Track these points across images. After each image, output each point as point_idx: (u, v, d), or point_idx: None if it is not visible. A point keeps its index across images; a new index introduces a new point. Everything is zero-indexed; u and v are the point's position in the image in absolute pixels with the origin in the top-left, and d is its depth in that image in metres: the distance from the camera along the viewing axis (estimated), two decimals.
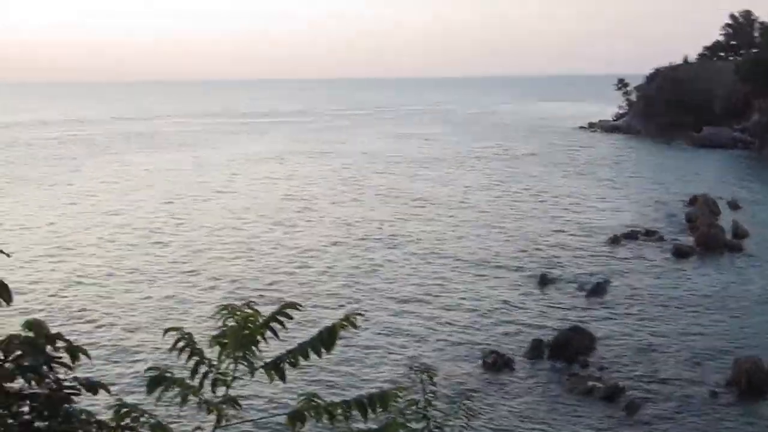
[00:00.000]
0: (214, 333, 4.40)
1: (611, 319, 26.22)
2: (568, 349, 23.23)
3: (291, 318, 4.43)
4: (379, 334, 23.56)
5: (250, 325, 4.33)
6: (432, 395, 6.84)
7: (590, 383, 21.14)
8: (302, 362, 4.38)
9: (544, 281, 30.28)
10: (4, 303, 4.84)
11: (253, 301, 4.49)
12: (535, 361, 22.86)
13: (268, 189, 51.99)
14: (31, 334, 4.68)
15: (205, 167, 64.51)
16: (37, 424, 4.62)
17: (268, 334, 4.42)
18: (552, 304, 27.80)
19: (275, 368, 4.36)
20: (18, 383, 4.65)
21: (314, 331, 4.46)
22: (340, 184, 53.40)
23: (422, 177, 56.94)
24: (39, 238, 35.96)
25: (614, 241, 36.68)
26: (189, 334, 4.49)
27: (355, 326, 4.37)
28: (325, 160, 68.69)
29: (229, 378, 4.38)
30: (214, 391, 4.38)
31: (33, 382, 4.67)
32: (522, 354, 23.16)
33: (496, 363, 22.29)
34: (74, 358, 4.80)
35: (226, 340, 4.35)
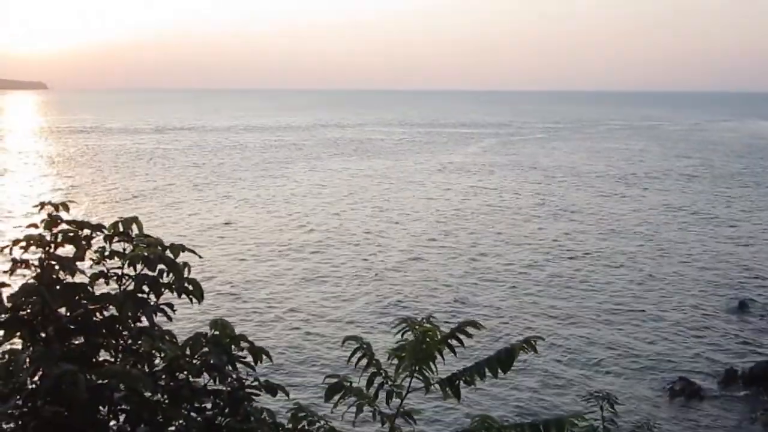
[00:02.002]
0: (393, 345, 4.40)
1: None
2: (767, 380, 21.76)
3: (470, 336, 4.36)
4: (559, 356, 22.95)
5: (428, 340, 4.29)
6: (612, 423, 6.57)
7: None
8: (478, 381, 4.30)
9: (744, 308, 28.58)
10: (195, 301, 5.05)
11: (433, 316, 4.45)
12: (728, 391, 21.52)
13: (467, 199, 52.01)
14: (217, 333, 4.85)
15: (408, 175, 65.56)
16: (218, 420, 4.78)
17: (446, 350, 4.37)
18: (751, 333, 26.13)
19: (450, 385, 4.30)
20: (203, 380, 4.84)
21: (490, 351, 4.36)
22: (536, 198, 52.71)
23: (619, 193, 55.25)
24: (236, 239, 37.55)
25: None
26: (368, 344, 4.51)
27: (534, 350, 4.25)
28: (524, 172, 68.07)
29: (404, 391, 4.37)
30: (388, 403, 4.38)
31: (217, 380, 4.85)
32: (713, 383, 21.87)
33: (684, 391, 21.20)
34: (256, 358, 4.94)
35: (403, 354, 4.34)
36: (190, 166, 69.78)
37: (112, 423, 4.52)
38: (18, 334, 4.81)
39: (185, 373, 4.78)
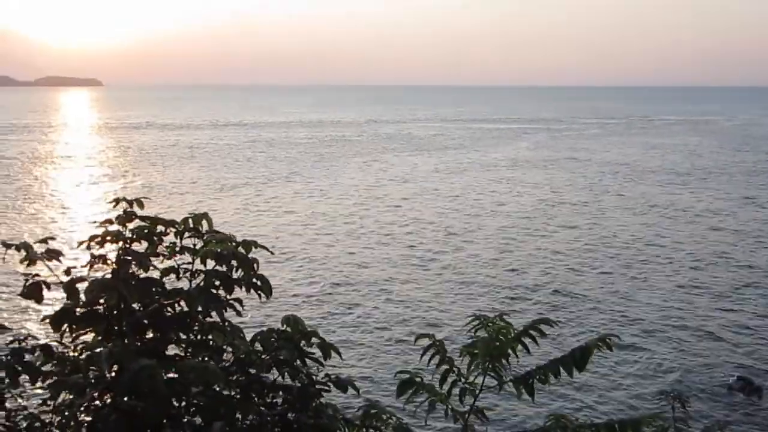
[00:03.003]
0: (466, 343, 4.37)
1: None
2: None
3: (544, 334, 4.32)
4: (629, 355, 22.60)
5: (501, 337, 4.27)
6: (683, 424, 6.43)
7: None
8: (552, 380, 4.26)
9: None
10: (264, 297, 5.09)
11: (506, 314, 4.42)
12: None
13: (526, 194, 51.64)
14: (288, 329, 4.87)
15: (463, 170, 65.39)
16: (289, 415, 4.81)
17: (519, 348, 4.33)
18: None
19: (525, 383, 4.26)
20: (273, 375, 4.87)
21: (562, 349, 4.31)
22: (590, 193, 52.10)
23: (680, 188, 54.34)
24: (298, 234, 37.62)
25: None
26: (440, 341, 4.49)
27: (610, 348, 4.19)
28: (577, 168, 67.40)
29: (478, 389, 4.34)
30: (461, 401, 4.36)
31: (287, 375, 4.87)
32: None
33: (744, 390, 20.80)
34: (326, 355, 4.95)
35: (476, 351, 4.31)
36: (247, 162, 70.39)
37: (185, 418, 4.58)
38: (91, 328, 4.90)
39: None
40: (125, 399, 4.23)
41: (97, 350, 4.31)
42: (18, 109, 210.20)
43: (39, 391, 4.77)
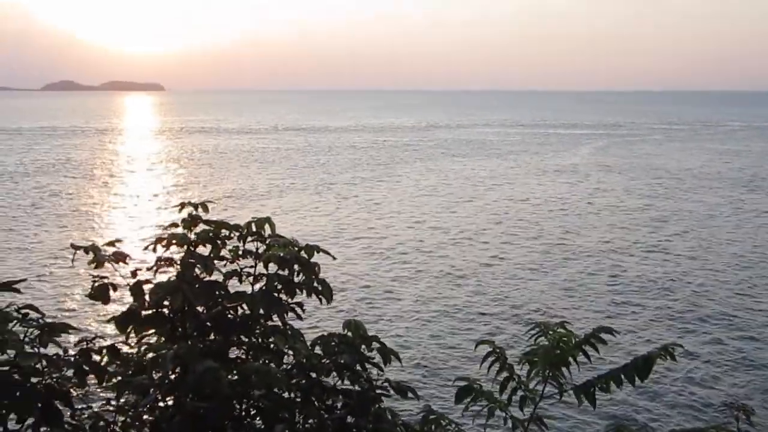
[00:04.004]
0: (526, 350, 4.35)
1: None
2: None
3: (605, 343, 4.28)
4: (692, 365, 22.18)
5: (562, 345, 4.24)
6: None
7: None
8: (614, 389, 4.21)
9: None
10: (325, 301, 5.14)
11: (567, 322, 4.38)
12: None
13: (588, 200, 50.97)
14: (349, 333, 4.91)
15: (523, 176, 64.84)
16: (348, 419, 4.84)
17: (580, 356, 4.30)
18: None
19: (586, 392, 4.22)
20: (333, 379, 4.91)
21: (624, 358, 4.26)
22: (652, 199, 51.23)
23: (740, 195, 53.10)
24: (358, 239, 37.67)
25: None
26: (500, 348, 4.48)
27: (673, 358, 4.13)
28: (639, 174, 66.34)
29: (538, 397, 4.32)
30: (521, 409, 4.34)
31: (347, 380, 4.91)
32: None
33: None
34: (386, 360, 4.98)
35: (536, 358, 4.30)
36: (308, 167, 70.79)
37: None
38: (155, 330, 5.01)
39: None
40: (189, 400, 4.30)
41: (163, 351, 4.40)
42: (83, 113, 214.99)
43: (99, 389, 4.89)
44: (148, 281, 4.87)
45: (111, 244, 5.00)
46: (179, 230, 5.06)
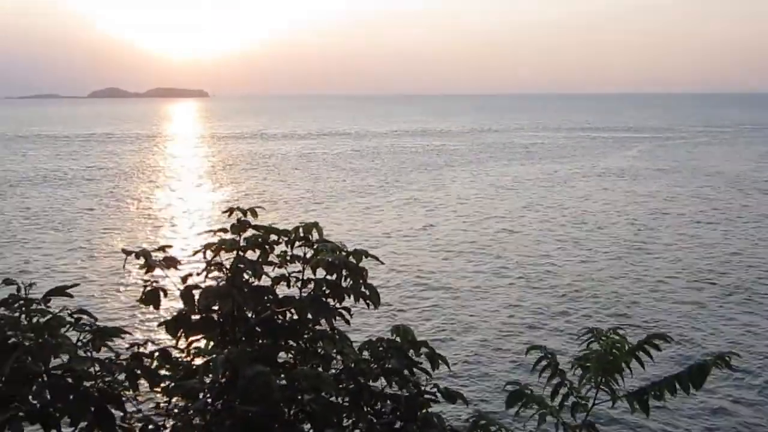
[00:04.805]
0: (577, 355, 4.30)
1: None
2: None
3: (659, 349, 4.21)
4: (748, 374, 21.66)
5: (615, 351, 4.18)
6: None
7: None
8: (668, 397, 4.14)
9: None
10: (372, 306, 5.14)
11: (620, 327, 4.32)
12: None
13: (635, 204, 50.26)
14: (397, 338, 4.90)
15: (570, 179, 64.33)
16: (396, 424, 4.83)
17: (634, 363, 4.24)
18: None
19: (638, 399, 4.16)
20: (379, 384, 4.90)
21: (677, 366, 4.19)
22: (700, 203, 50.43)
23: None
24: (406, 243, 37.54)
25: None
26: (552, 353, 4.44)
27: (729, 366, 4.05)
28: (686, 177, 65.40)
29: (590, 403, 4.26)
30: (573, 415, 4.29)
31: (395, 384, 4.90)
32: None
33: None
34: (434, 365, 4.96)
35: (588, 364, 4.24)
36: (354, 171, 70.97)
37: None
38: (205, 334, 5.05)
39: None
40: (239, 404, 4.32)
41: (214, 356, 4.42)
42: (130, 119, 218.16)
43: (148, 393, 4.94)
44: (197, 286, 4.90)
45: (161, 249, 5.05)
46: (228, 235, 5.09)
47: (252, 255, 5.12)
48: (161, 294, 4.98)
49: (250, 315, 4.94)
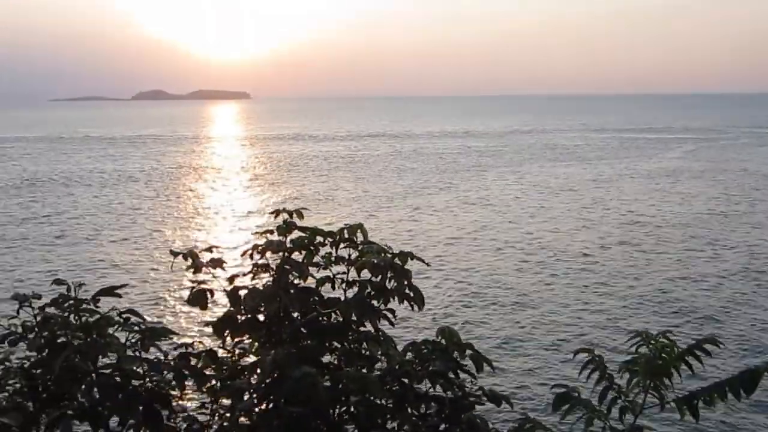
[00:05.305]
0: (626, 359, 4.25)
1: None
2: None
3: (709, 354, 4.15)
4: None
5: (664, 355, 4.12)
6: None
7: None
8: (718, 403, 4.07)
9: None
10: (417, 308, 5.13)
11: (669, 331, 4.26)
12: None
13: (681, 205, 49.59)
14: (442, 341, 4.88)
15: (615, 181, 63.70)
16: (441, 427, 4.81)
17: (683, 367, 4.18)
18: None
19: (688, 404, 4.09)
20: (424, 386, 4.89)
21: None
22: (746, 205, 49.64)
23: None
24: (447, 245, 37.38)
25: None
26: (600, 356, 4.39)
27: None
28: (731, 178, 64.38)
29: (638, 407, 4.21)
30: (621, 419, 4.24)
31: (440, 387, 4.88)
32: None
33: None
34: (479, 367, 4.94)
35: (637, 368, 4.19)
36: (395, 173, 70.78)
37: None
38: (251, 335, 5.08)
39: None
40: (285, 404, 4.34)
41: (260, 356, 4.45)
42: (174, 121, 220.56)
43: (192, 393, 4.98)
44: (244, 287, 4.94)
45: (208, 250, 5.10)
46: (275, 237, 5.12)
47: (297, 256, 5.15)
48: (208, 295, 5.02)
49: (295, 316, 4.96)
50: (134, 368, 4.59)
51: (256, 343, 5.04)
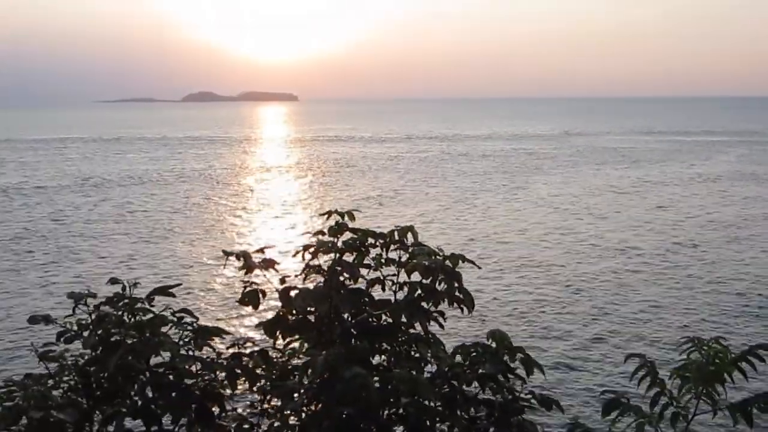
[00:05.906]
0: (678, 364, 4.21)
1: None
2: None
3: (763, 360, 4.09)
4: None
5: (717, 361, 4.08)
6: None
7: None
8: None
9: None
10: (467, 310, 5.13)
11: (722, 337, 4.22)
12: None
13: (735, 208, 48.71)
14: (493, 344, 4.88)
15: (665, 184, 62.80)
16: (491, 430, 4.81)
17: (737, 373, 4.13)
18: None
19: (742, 411, 4.05)
20: (475, 388, 4.89)
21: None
22: None
23: None
24: (499, 249, 37.07)
25: None
26: (651, 362, 4.36)
27: None
28: None
29: (690, 413, 4.17)
30: (672, 425, 4.20)
31: (489, 390, 4.88)
32: None
33: None
34: (529, 371, 4.92)
35: (689, 374, 4.15)
36: (447, 175, 70.66)
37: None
38: (301, 335, 5.13)
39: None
40: (336, 405, 4.38)
41: (311, 357, 4.49)
42: (224, 122, 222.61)
43: (241, 392, 5.04)
44: (295, 287, 4.99)
45: (260, 250, 5.16)
46: (326, 237, 5.17)
47: (348, 257, 5.18)
48: (260, 295, 5.09)
49: (346, 317, 4.99)
50: (187, 367, 4.66)
51: (306, 344, 5.09)
